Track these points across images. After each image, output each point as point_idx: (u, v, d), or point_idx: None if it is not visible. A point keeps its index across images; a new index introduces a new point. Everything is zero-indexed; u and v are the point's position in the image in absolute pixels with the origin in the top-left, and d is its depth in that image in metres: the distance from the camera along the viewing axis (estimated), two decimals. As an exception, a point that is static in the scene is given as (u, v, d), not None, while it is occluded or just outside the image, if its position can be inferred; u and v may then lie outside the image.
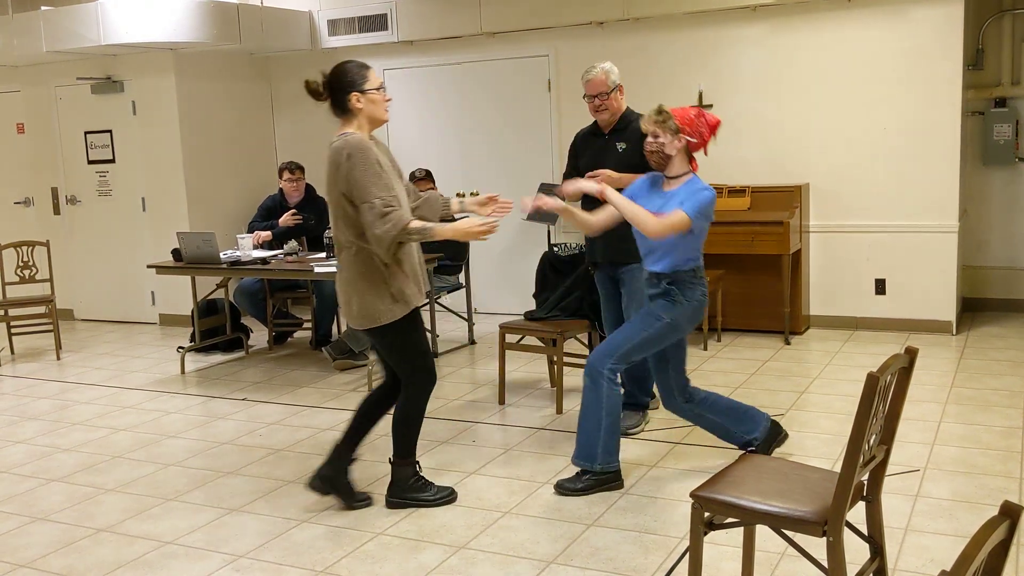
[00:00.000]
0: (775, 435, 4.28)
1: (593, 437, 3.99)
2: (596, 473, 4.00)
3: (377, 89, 3.80)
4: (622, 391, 4.27)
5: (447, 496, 4.01)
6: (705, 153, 3.93)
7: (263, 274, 6.53)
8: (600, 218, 4.09)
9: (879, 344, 6.30)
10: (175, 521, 3.96)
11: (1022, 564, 3.17)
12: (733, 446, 4.26)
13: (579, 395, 5.39)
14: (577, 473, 4.06)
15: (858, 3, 6.52)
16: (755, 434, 4.18)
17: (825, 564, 2.56)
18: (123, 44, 7.28)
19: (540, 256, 5.74)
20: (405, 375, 3.94)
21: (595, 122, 4.84)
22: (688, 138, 3.80)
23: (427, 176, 7.01)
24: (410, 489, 3.97)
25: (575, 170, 4.87)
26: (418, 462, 4.04)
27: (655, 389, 4.98)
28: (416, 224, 3.71)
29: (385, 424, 4.02)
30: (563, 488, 4.03)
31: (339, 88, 3.75)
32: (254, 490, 4.27)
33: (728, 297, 6.72)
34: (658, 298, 3.96)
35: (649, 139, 3.89)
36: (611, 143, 4.73)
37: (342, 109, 3.78)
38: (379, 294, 3.76)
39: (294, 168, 7.19)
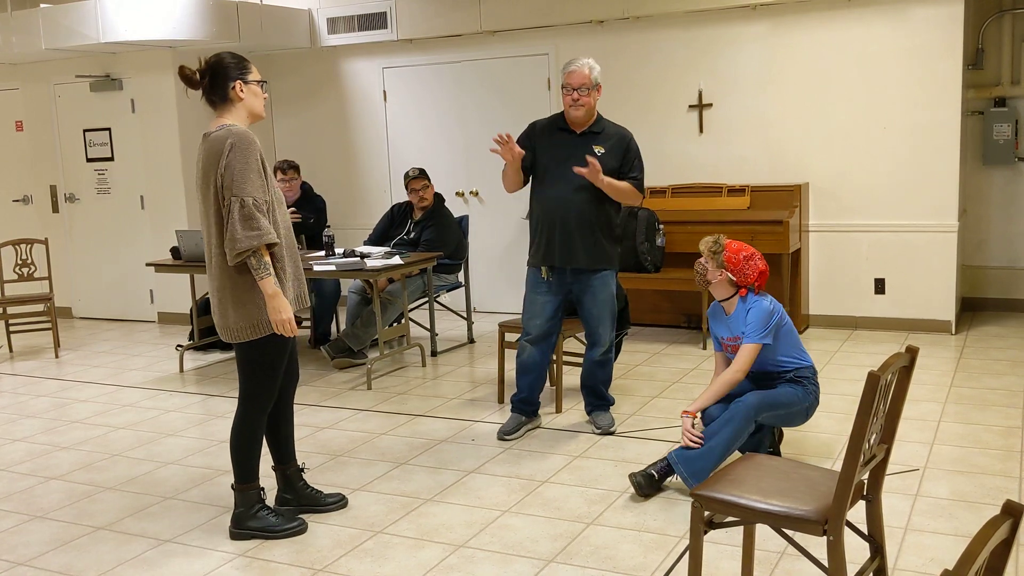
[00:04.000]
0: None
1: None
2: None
3: (259, 83, 3.61)
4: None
5: (295, 528, 3.70)
6: (755, 293, 4.01)
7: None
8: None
9: (878, 343, 6.30)
10: (174, 519, 3.95)
11: (1022, 563, 3.17)
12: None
13: (578, 394, 5.39)
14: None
15: (858, 2, 6.52)
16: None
17: (825, 563, 2.56)
18: (122, 42, 7.27)
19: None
20: (247, 390, 3.65)
21: (561, 116, 4.68)
22: (729, 275, 4.01)
23: (421, 174, 6.72)
24: (253, 519, 3.69)
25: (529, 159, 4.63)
26: (262, 488, 3.76)
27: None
28: (267, 256, 3.43)
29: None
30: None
31: (221, 74, 3.54)
32: (253, 488, 4.25)
33: (727, 296, 6.71)
34: (787, 384, 4.06)
35: (701, 260, 4.08)
36: (586, 144, 4.57)
37: (221, 98, 3.56)
38: (260, 303, 3.47)
39: (287, 168, 6.98)
